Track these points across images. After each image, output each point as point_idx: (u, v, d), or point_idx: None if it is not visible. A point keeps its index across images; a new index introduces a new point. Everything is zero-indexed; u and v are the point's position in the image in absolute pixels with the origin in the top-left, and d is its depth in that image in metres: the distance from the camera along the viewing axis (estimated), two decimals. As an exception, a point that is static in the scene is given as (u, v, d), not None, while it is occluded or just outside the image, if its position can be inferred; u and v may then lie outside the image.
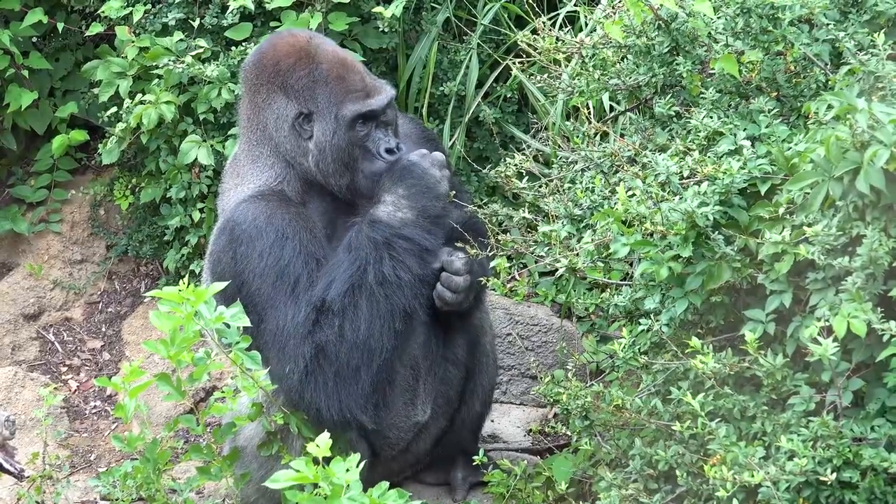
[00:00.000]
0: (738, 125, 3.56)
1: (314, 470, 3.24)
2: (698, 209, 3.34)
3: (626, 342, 3.58)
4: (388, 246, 4.01)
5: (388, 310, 4.01)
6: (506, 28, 5.87)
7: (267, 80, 4.21)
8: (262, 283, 4.04)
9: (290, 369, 3.99)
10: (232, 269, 4.10)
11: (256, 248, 4.05)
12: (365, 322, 4.00)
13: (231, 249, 4.10)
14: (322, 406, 4.00)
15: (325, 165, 4.18)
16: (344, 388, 4.00)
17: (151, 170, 5.88)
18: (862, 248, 3.11)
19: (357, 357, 4.00)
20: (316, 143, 4.18)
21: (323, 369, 3.99)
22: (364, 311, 4.00)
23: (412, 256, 4.04)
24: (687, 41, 3.81)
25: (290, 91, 4.18)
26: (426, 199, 4.09)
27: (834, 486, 3.22)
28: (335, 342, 3.98)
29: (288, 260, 4.03)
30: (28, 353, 6.00)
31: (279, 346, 4.01)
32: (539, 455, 4.90)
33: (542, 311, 5.45)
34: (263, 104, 4.22)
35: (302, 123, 4.19)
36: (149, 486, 4.02)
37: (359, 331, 3.99)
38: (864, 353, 3.22)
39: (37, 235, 6.29)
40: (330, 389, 3.99)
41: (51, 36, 6.34)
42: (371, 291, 4.00)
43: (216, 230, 4.25)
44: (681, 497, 3.58)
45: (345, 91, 4.18)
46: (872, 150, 3.06)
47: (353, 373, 4.01)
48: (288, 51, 4.23)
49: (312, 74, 4.19)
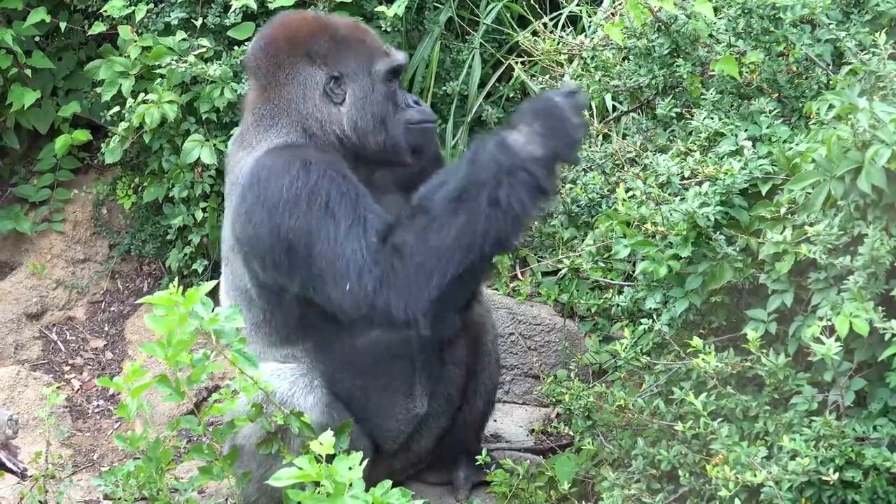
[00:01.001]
0: (739, 126, 3.57)
1: (317, 468, 3.24)
2: (699, 210, 3.34)
3: (629, 342, 3.58)
4: (510, 173, 3.91)
5: (484, 230, 3.92)
6: (508, 28, 5.87)
7: (287, 54, 4.22)
8: (298, 211, 4.00)
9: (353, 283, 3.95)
10: (265, 216, 4.05)
11: (285, 181, 4.02)
12: (456, 231, 3.92)
13: (261, 195, 4.06)
14: (392, 307, 3.94)
15: (365, 123, 4.22)
16: (415, 288, 3.93)
17: (154, 169, 5.89)
18: (863, 248, 3.11)
19: (434, 261, 3.92)
20: (352, 102, 4.21)
21: (397, 270, 3.93)
22: (460, 221, 3.92)
23: (528, 191, 3.91)
24: (687, 43, 3.81)
25: (315, 58, 4.21)
26: (560, 142, 3.96)
27: (836, 486, 3.22)
28: (416, 243, 3.93)
29: (315, 180, 4.00)
30: (31, 353, 6.00)
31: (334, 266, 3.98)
32: (542, 455, 4.89)
33: (545, 311, 5.45)
34: (286, 80, 4.22)
35: (333, 88, 4.21)
36: (151, 486, 4.02)
37: (446, 238, 3.92)
38: (867, 353, 3.23)
39: (40, 235, 6.30)
40: (402, 288, 3.93)
41: (53, 35, 6.34)
42: (477, 208, 3.91)
43: (239, 192, 4.18)
44: (683, 497, 3.58)
45: (370, 50, 4.26)
46: (874, 149, 3.06)
47: (426, 275, 3.93)
48: (301, 24, 4.27)
49: (334, 39, 4.23)
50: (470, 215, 3.91)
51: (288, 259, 4.06)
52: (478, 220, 3.91)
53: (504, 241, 3.96)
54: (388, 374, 4.34)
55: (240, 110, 5.61)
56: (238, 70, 5.62)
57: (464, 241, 3.91)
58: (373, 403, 4.34)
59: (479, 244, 3.92)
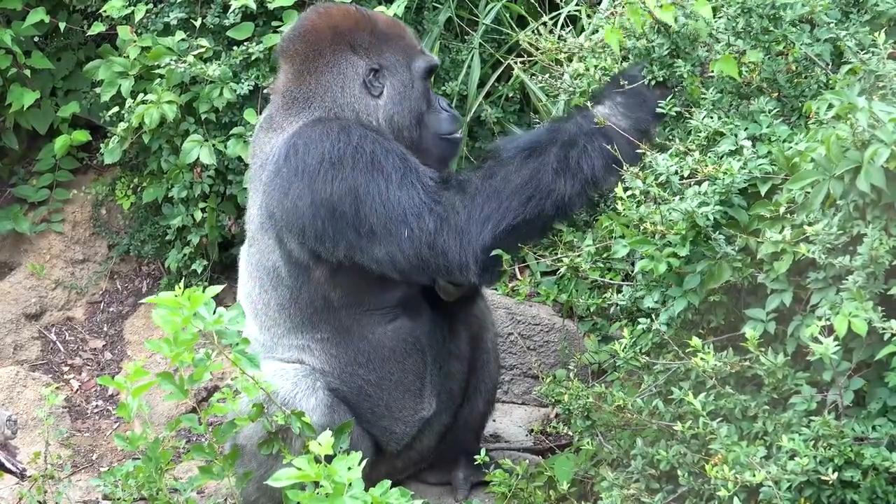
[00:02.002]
0: (738, 125, 3.56)
1: (316, 468, 3.24)
2: (698, 209, 3.34)
3: (628, 342, 3.58)
4: (588, 136, 3.93)
5: (548, 186, 3.92)
6: (507, 28, 5.87)
7: (329, 42, 4.26)
8: (342, 173, 4.01)
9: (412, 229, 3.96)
10: (305, 186, 4.05)
11: (325, 145, 4.03)
12: (521, 180, 3.92)
13: (300, 164, 4.05)
14: (450, 249, 3.95)
15: (401, 118, 4.25)
16: (471, 229, 3.93)
17: (153, 169, 5.89)
18: (863, 248, 3.11)
19: (492, 206, 3.93)
20: (390, 96, 4.25)
21: (457, 210, 3.95)
22: (527, 172, 3.92)
23: (602, 158, 3.93)
24: (686, 43, 3.81)
25: (358, 49, 4.26)
26: (642, 111, 3.97)
27: (835, 486, 3.22)
28: (479, 183, 3.95)
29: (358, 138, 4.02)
30: (30, 353, 6.00)
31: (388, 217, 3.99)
32: (541, 455, 4.90)
33: (544, 311, 5.45)
34: (325, 67, 4.25)
35: (372, 80, 4.24)
36: (151, 486, 4.02)
37: (509, 183, 3.92)
38: (865, 353, 3.22)
39: (39, 235, 6.29)
40: (460, 229, 3.94)
41: (53, 35, 6.35)
42: (546, 163, 3.92)
43: (272, 168, 4.16)
44: (682, 497, 3.58)
45: (408, 47, 4.32)
46: (873, 148, 3.06)
47: (483, 219, 3.94)
48: (344, 15, 4.31)
49: (375, 32, 4.28)
50: (538, 167, 3.92)
51: (333, 225, 4.05)
52: (545, 174, 3.91)
53: (566, 203, 3.95)
54: (402, 368, 4.34)
55: (239, 110, 5.63)
56: (237, 70, 5.62)
57: (526, 192, 3.91)
58: (382, 402, 4.34)
59: (540, 199, 3.92)
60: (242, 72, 5.63)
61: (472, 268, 3.96)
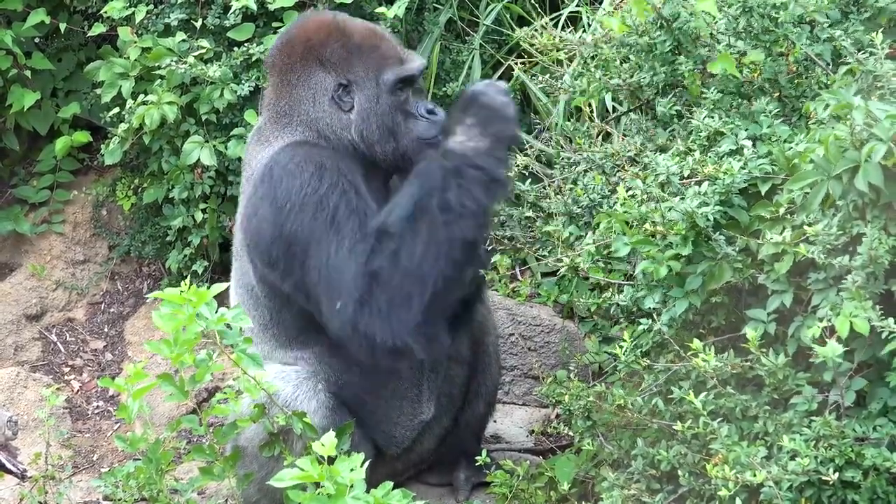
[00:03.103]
0: (739, 125, 3.56)
1: (318, 469, 3.24)
2: (698, 209, 3.34)
3: (628, 345, 3.58)
4: (456, 174, 3.93)
5: (447, 238, 3.91)
6: (508, 28, 5.87)
7: (300, 57, 4.23)
8: (303, 217, 4.01)
9: (342, 303, 3.95)
10: (272, 212, 4.07)
11: (296, 183, 4.03)
12: (422, 248, 3.91)
13: (271, 192, 4.07)
14: (377, 334, 3.93)
15: (370, 133, 4.21)
16: (396, 315, 3.92)
17: (154, 170, 5.89)
18: (862, 247, 3.11)
19: (410, 284, 3.92)
20: (358, 111, 4.20)
21: (376, 297, 3.93)
22: (423, 236, 3.91)
23: (480, 185, 3.94)
24: (689, 40, 3.80)
25: (326, 64, 4.21)
26: (497, 123, 4.00)
27: (836, 486, 3.22)
28: (389, 269, 3.92)
29: (326, 188, 4.01)
30: (30, 354, 6.00)
31: (327, 282, 3.98)
32: (541, 455, 4.90)
33: (545, 312, 5.45)
34: (298, 81, 4.23)
35: (342, 95, 4.21)
36: (151, 487, 4.02)
37: (414, 256, 3.91)
38: (867, 353, 3.22)
39: (39, 236, 6.29)
40: (384, 317, 3.93)
41: (53, 36, 6.34)
42: (433, 218, 3.91)
43: (252, 186, 4.21)
44: (683, 497, 3.58)
45: (381, 58, 4.23)
46: (869, 145, 3.06)
47: (406, 300, 3.92)
48: (318, 27, 4.26)
49: (347, 46, 4.22)
50: (429, 228, 3.91)
51: (285, 260, 4.06)
52: (438, 231, 3.91)
53: (472, 241, 3.96)
54: (397, 378, 4.33)
55: (239, 111, 5.63)
56: (237, 71, 5.62)
57: (430, 256, 3.91)
58: (380, 410, 4.34)
59: (447, 253, 3.92)
60: (243, 73, 5.63)
61: (415, 346, 3.98)
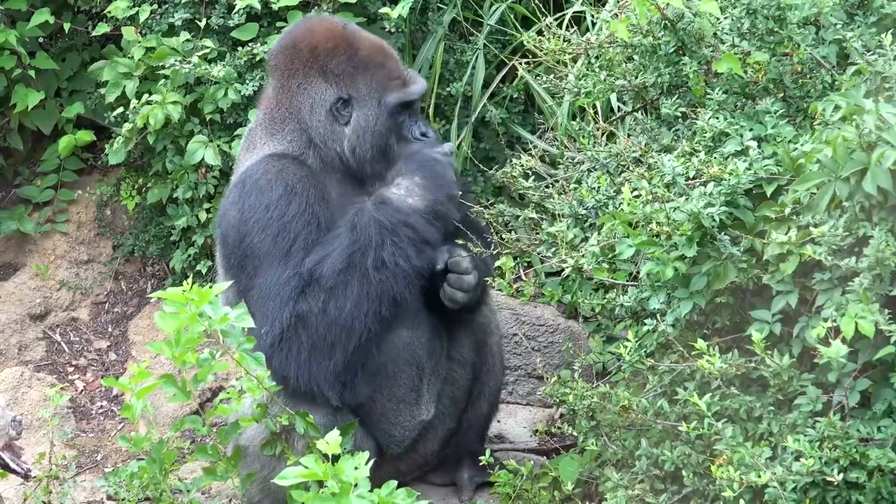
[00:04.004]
0: (744, 126, 3.56)
1: (323, 467, 3.24)
2: (704, 210, 3.33)
3: (633, 345, 3.58)
4: (392, 231, 4.02)
5: (377, 294, 4.01)
6: (512, 28, 5.86)
7: (303, 63, 4.22)
8: (265, 237, 4.05)
9: (265, 331, 3.99)
10: (237, 221, 4.11)
11: (264, 201, 4.07)
12: (352, 302, 3.99)
13: (240, 202, 4.12)
14: (290, 374, 4.01)
15: (363, 151, 4.21)
16: (316, 361, 4.01)
17: (158, 170, 5.89)
18: (869, 249, 3.11)
19: (335, 334, 4.00)
20: (354, 128, 4.20)
21: (299, 338, 4.00)
22: (354, 291, 3.99)
23: (413, 246, 4.04)
24: (693, 41, 3.80)
25: (329, 76, 4.21)
26: (439, 194, 4.10)
27: (840, 487, 3.21)
28: (317, 315, 3.99)
29: (292, 216, 4.05)
30: (34, 354, 6.00)
31: (261, 304, 4.03)
32: (545, 455, 4.89)
33: (549, 312, 5.44)
34: (298, 88, 4.23)
35: (340, 109, 4.21)
36: (155, 487, 4.02)
37: (343, 309, 3.99)
38: (871, 354, 3.22)
39: (43, 236, 6.30)
40: (302, 360, 4.00)
41: (57, 36, 6.35)
42: (365, 274, 4.00)
43: (228, 189, 4.28)
44: (687, 497, 3.58)
45: (386, 78, 4.23)
46: (879, 151, 3.06)
47: (328, 348, 4.00)
48: (326, 35, 4.25)
49: (353, 60, 4.21)
50: (360, 284, 3.99)
51: (238, 268, 4.12)
52: (370, 287, 4.00)
53: (398, 298, 4.06)
54: (395, 383, 4.33)
55: (244, 111, 5.63)
56: (241, 71, 5.61)
57: (360, 310, 4.01)
58: (378, 411, 4.34)
59: (374, 309, 4.02)
60: (247, 72, 5.63)
61: (329, 393, 4.07)
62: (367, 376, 4.21)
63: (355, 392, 4.15)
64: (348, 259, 4.00)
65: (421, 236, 4.05)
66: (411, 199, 4.07)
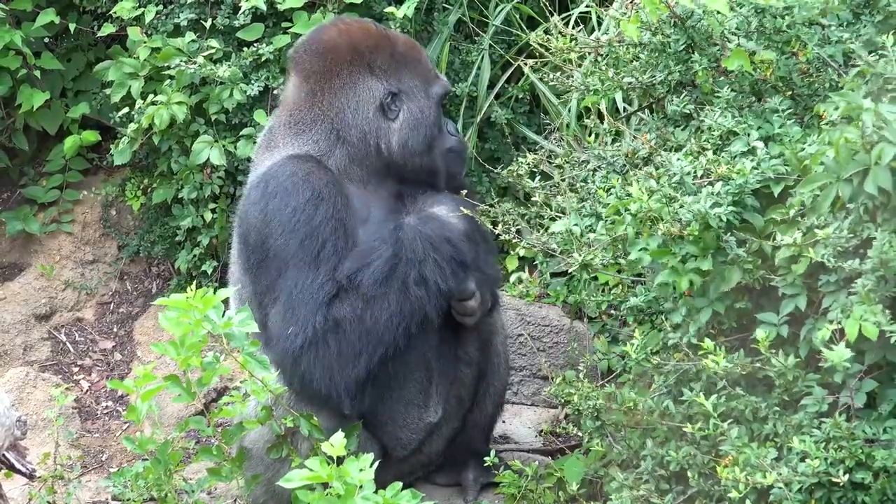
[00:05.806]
0: (751, 125, 3.55)
1: (328, 469, 3.24)
2: (711, 210, 3.33)
3: (640, 343, 3.58)
4: (434, 248, 4.04)
5: (411, 311, 4.04)
6: (517, 29, 5.86)
7: (348, 62, 4.24)
8: (290, 240, 4.04)
9: (293, 331, 4.00)
10: (260, 222, 4.10)
11: (290, 204, 4.06)
12: (388, 314, 4.01)
13: (263, 202, 4.11)
14: (315, 377, 4.01)
15: (416, 143, 4.26)
16: (340, 368, 4.01)
17: (163, 170, 5.89)
18: (872, 251, 3.10)
19: (364, 344, 4.02)
20: (406, 121, 4.25)
21: (328, 343, 4.00)
22: (392, 304, 4.01)
23: (451, 267, 4.08)
24: (702, 38, 3.79)
25: (376, 71, 4.24)
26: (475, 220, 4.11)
27: (846, 488, 3.20)
28: (352, 322, 4.00)
29: (319, 221, 4.04)
30: (40, 354, 6.01)
31: (290, 307, 4.02)
32: (550, 456, 4.89)
33: (554, 312, 5.44)
34: (341, 88, 4.24)
35: (390, 104, 4.23)
36: (160, 487, 4.02)
37: (379, 321, 4.01)
38: (877, 355, 3.21)
39: (48, 236, 6.30)
40: (328, 364, 4.00)
41: (63, 36, 6.35)
42: (405, 288, 4.02)
43: (248, 188, 4.27)
44: (692, 498, 3.57)
45: (425, 71, 4.32)
46: (878, 148, 3.05)
47: (354, 357, 4.02)
48: (364, 34, 4.29)
49: (394, 56, 4.27)
50: (399, 297, 4.03)
51: (259, 267, 4.12)
52: (407, 302, 4.04)
53: (427, 317, 4.10)
54: (403, 386, 4.33)
55: (249, 111, 5.63)
56: (247, 71, 5.62)
57: (394, 323, 4.04)
58: (386, 414, 4.34)
59: (406, 324, 4.05)
60: (252, 73, 5.63)
61: (345, 400, 4.08)
62: (378, 387, 4.21)
63: (364, 402, 4.15)
64: (390, 271, 4.01)
65: (461, 259, 4.09)
66: (454, 217, 4.09)
